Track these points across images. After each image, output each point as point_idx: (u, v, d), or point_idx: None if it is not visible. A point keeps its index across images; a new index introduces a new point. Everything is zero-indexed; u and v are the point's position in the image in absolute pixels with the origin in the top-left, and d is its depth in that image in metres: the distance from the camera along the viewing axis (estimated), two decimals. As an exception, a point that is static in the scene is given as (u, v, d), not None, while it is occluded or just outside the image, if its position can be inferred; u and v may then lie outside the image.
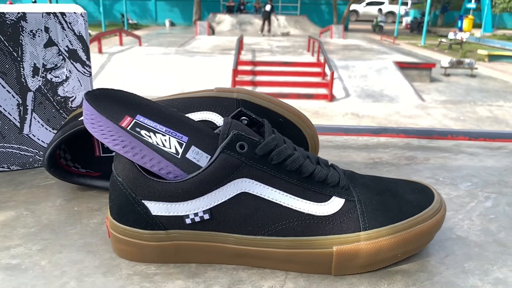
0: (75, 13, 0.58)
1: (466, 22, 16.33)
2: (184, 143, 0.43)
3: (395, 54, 9.75)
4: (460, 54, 11.56)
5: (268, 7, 14.82)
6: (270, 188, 0.39)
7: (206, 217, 0.38)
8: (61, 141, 0.51)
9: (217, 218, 0.39)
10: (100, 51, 8.65)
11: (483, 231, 0.47)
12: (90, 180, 0.54)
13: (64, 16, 0.57)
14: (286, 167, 0.39)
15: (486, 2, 17.87)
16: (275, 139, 0.39)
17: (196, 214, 0.38)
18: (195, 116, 0.51)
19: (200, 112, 0.52)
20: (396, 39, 14.88)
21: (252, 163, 0.38)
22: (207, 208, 0.38)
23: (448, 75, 8.88)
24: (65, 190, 0.55)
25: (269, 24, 14.97)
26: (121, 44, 10.04)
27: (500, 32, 19.07)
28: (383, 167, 0.64)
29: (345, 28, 15.87)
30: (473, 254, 0.43)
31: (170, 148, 0.42)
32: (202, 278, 0.39)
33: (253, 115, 0.44)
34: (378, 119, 5.85)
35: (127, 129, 0.41)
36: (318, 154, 0.62)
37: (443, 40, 13.67)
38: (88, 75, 0.61)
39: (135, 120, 0.42)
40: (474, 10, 19.47)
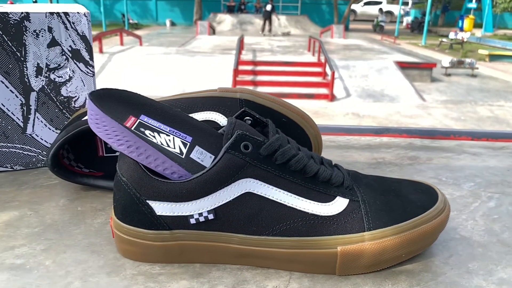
0: (78, 13, 0.58)
1: (467, 22, 16.34)
2: (188, 143, 0.43)
3: (396, 54, 9.75)
4: (461, 54, 11.55)
5: (269, 7, 14.82)
6: (275, 188, 0.39)
7: (211, 217, 0.38)
8: (65, 141, 0.51)
9: (222, 218, 0.39)
10: (101, 51, 8.65)
11: (487, 231, 0.47)
12: (94, 180, 0.54)
13: (68, 16, 0.57)
14: (291, 167, 0.39)
15: (487, 2, 17.85)
16: (279, 139, 0.39)
17: (201, 214, 0.38)
18: (199, 116, 0.51)
19: (204, 112, 0.52)
20: (397, 39, 14.87)
21: (257, 163, 0.38)
22: (212, 208, 0.38)
23: (449, 75, 8.87)
24: (69, 190, 0.55)
25: (270, 24, 14.96)
26: (122, 44, 10.04)
27: (501, 32, 19.05)
28: (386, 167, 0.64)
29: (346, 28, 15.88)
30: (477, 254, 0.43)
31: (174, 148, 0.42)
32: (207, 278, 0.39)
33: (257, 115, 0.44)
34: (379, 119, 5.84)
35: (132, 129, 0.41)
36: (321, 154, 0.62)
37: (444, 40, 13.65)
38: (91, 75, 0.61)
39: (139, 120, 0.43)
40: (475, 10, 19.47)
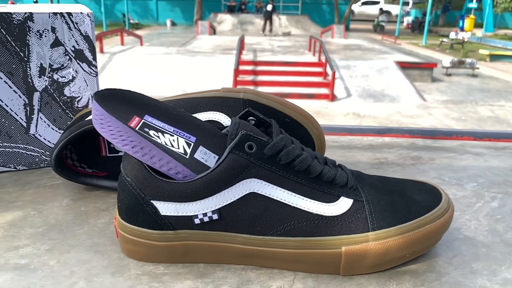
0: (82, 13, 0.58)
1: (468, 22, 16.34)
2: (192, 143, 0.43)
3: (396, 54, 9.75)
4: (462, 54, 11.55)
5: (270, 7, 14.82)
6: (279, 189, 0.39)
7: (215, 217, 0.38)
8: (68, 141, 0.51)
9: (226, 218, 0.39)
10: (102, 51, 8.65)
11: (490, 232, 0.47)
12: (97, 180, 0.54)
13: (71, 16, 0.57)
14: (295, 168, 0.39)
15: (488, 2, 17.83)
16: (283, 139, 0.39)
17: (205, 214, 0.38)
18: (202, 116, 0.51)
19: (207, 112, 0.52)
20: (397, 39, 14.87)
21: (261, 163, 0.38)
22: (216, 208, 0.38)
23: (450, 75, 8.87)
24: (72, 190, 0.55)
25: (271, 24, 14.96)
26: (123, 44, 10.05)
27: (502, 32, 19.03)
28: (389, 167, 0.64)
29: (346, 28, 15.88)
30: (481, 255, 0.43)
31: (179, 148, 0.42)
32: (211, 278, 0.39)
33: (261, 115, 0.44)
34: (380, 119, 5.84)
35: (136, 129, 0.41)
36: (324, 154, 0.62)
37: (445, 40, 13.65)
38: (94, 75, 0.61)
39: (144, 120, 0.43)
40: (476, 10, 19.45)
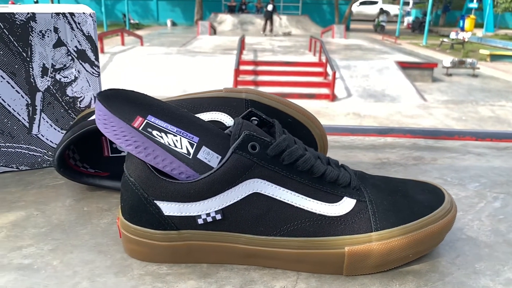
0: (84, 14, 0.58)
1: (468, 22, 16.33)
2: (195, 144, 0.43)
3: (397, 54, 9.74)
4: (462, 54, 11.55)
5: (270, 7, 14.82)
6: (282, 189, 0.39)
7: (218, 217, 0.38)
8: (71, 142, 0.51)
9: (229, 219, 0.39)
10: (102, 51, 8.66)
11: (493, 232, 0.47)
12: (99, 180, 0.54)
13: (73, 17, 0.57)
14: (298, 168, 0.39)
15: (488, 2, 17.83)
16: (286, 140, 0.39)
17: (208, 214, 0.38)
18: (204, 117, 0.51)
19: (209, 113, 0.52)
20: (398, 39, 14.87)
21: (264, 164, 0.38)
22: (219, 209, 0.38)
23: (450, 75, 8.87)
24: (74, 190, 0.55)
25: (271, 24, 14.96)
26: (123, 44, 10.05)
27: (502, 32, 19.03)
28: (391, 167, 0.64)
29: (347, 28, 15.87)
30: (484, 255, 0.43)
31: (182, 149, 0.42)
32: (214, 278, 0.39)
33: (264, 116, 0.44)
34: (380, 119, 5.84)
35: (139, 130, 0.41)
36: (326, 155, 0.62)
37: (445, 40, 13.64)
38: (97, 75, 0.61)
39: (147, 121, 0.43)
40: (476, 10, 19.44)
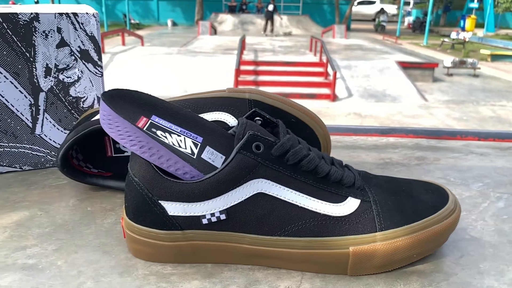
0: (87, 14, 0.58)
1: (469, 22, 16.33)
2: (199, 144, 0.43)
3: (398, 54, 9.74)
4: (463, 54, 11.54)
5: (271, 7, 14.81)
6: (286, 189, 0.39)
7: (223, 217, 0.38)
8: (74, 142, 0.51)
9: (234, 219, 0.39)
10: (103, 51, 8.63)
11: (497, 232, 0.47)
12: (103, 180, 0.54)
13: (76, 17, 0.57)
14: (302, 168, 0.39)
15: (489, 2, 17.81)
16: (291, 140, 0.39)
17: (213, 215, 0.38)
18: (208, 117, 0.51)
19: (212, 113, 0.52)
20: (398, 39, 14.86)
21: (268, 164, 0.38)
22: (224, 209, 0.38)
23: (451, 75, 8.86)
24: (78, 190, 0.55)
25: (272, 24, 14.96)
26: (124, 44, 10.05)
27: (503, 32, 19.01)
28: (394, 167, 0.64)
29: (347, 28, 15.86)
30: (488, 255, 0.43)
31: (186, 149, 0.42)
32: (219, 278, 0.39)
33: (267, 116, 0.44)
34: (381, 119, 5.84)
35: (144, 130, 0.41)
36: (329, 155, 0.62)
37: (446, 40, 13.63)
38: (100, 76, 0.61)
39: (151, 121, 0.43)
40: (477, 10, 19.44)
